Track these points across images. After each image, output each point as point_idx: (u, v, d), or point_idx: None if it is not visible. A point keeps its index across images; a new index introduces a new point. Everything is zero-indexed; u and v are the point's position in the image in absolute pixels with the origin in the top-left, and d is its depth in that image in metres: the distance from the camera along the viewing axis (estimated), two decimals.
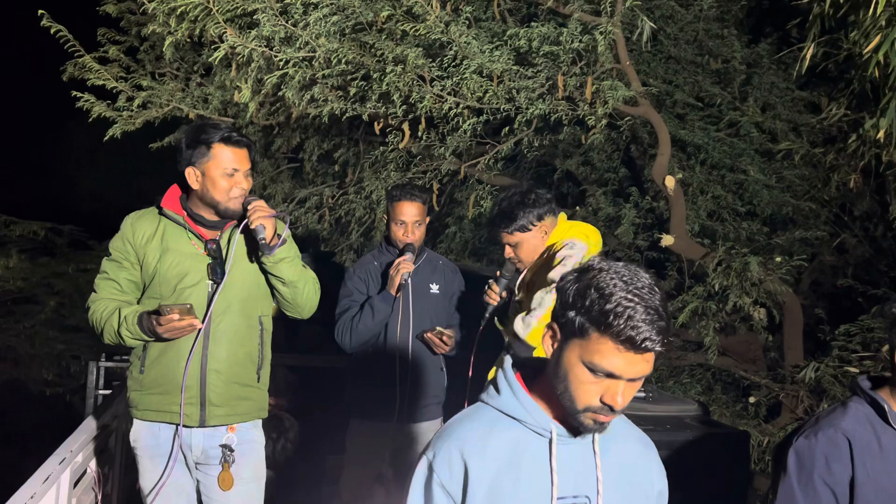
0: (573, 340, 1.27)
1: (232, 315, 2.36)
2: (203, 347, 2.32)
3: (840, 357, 4.73)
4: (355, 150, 6.04)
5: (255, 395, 2.44)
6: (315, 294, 2.46)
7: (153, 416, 2.36)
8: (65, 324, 8.17)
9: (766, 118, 5.33)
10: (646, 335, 1.20)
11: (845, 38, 4.28)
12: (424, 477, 1.35)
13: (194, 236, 2.38)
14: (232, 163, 2.33)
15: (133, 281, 2.40)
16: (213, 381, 2.33)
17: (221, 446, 2.34)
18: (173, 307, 2.19)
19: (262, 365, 2.45)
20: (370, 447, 3.03)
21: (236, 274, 2.37)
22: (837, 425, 1.75)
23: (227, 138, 2.34)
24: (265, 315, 2.46)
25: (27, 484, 2.18)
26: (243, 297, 2.38)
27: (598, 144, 4.88)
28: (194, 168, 2.34)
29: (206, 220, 2.38)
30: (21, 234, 8.63)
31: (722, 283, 4.54)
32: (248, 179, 2.39)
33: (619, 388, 1.25)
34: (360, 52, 4.26)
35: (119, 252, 2.39)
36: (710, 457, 3.22)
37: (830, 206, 5.59)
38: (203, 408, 2.33)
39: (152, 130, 5.57)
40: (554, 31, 4.09)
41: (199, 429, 2.35)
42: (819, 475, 1.75)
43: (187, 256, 2.35)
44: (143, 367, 2.36)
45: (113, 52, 5.34)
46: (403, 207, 3.00)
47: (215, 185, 2.32)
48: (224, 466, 2.33)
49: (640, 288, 1.23)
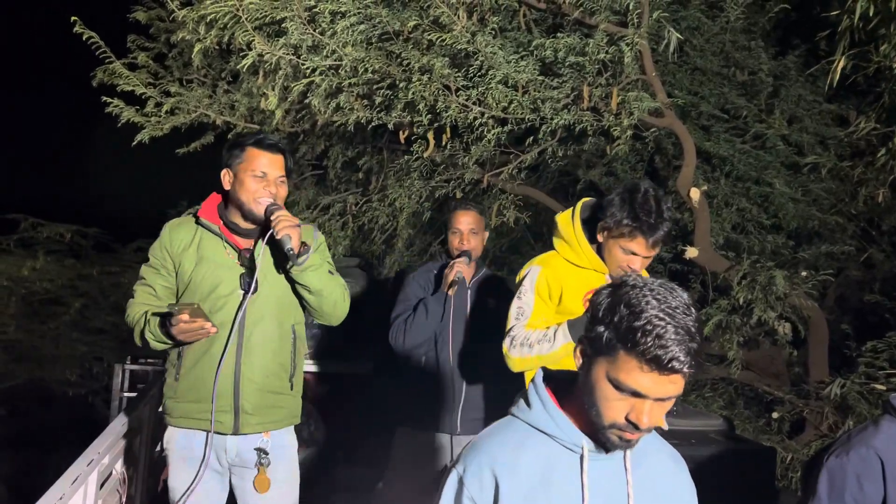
0: (601, 356, 1.25)
1: (265, 325, 2.37)
2: (236, 356, 2.33)
3: (866, 374, 4.66)
4: (379, 158, 6.07)
5: (288, 402, 2.45)
6: (343, 301, 2.45)
7: (186, 423, 2.38)
8: (89, 325, 8.27)
9: (792, 131, 5.29)
10: (673, 355, 1.16)
11: (875, 51, 4.24)
12: (455, 490, 1.34)
13: (230, 246, 2.39)
14: (262, 166, 2.34)
15: (168, 288, 2.42)
16: (247, 390, 2.34)
17: (257, 449, 2.35)
18: (183, 307, 2.19)
19: (294, 373, 2.45)
20: (416, 454, 3.01)
21: (269, 284, 2.38)
22: (870, 444, 1.72)
23: (259, 141, 2.37)
24: (298, 323, 2.47)
25: (56, 485, 2.21)
26: (276, 307, 2.39)
27: (622, 155, 4.85)
28: (228, 170, 2.38)
29: (240, 229, 2.39)
30: (48, 236, 8.76)
31: (746, 297, 4.50)
32: (282, 187, 2.38)
33: (646, 408, 1.22)
34: (387, 61, 4.28)
35: (157, 259, 2.43)
36: (735, 472, 3.18)
37: (857, 221, 5.52)
38: (237, 416, 2.34)
39: (178, 136, 5.63)
40: (580, 42, 4.09)
41: (233, 437, 2.36)
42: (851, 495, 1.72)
43: (221, 266, 2.37)
44: (178, 374, 2.37)
45: (142, 58, 5.41)
46: (459, 216, 3.09)
47: (243, 185, 2.34)
48: (260, 469, 2.35)
49: (674, 308, 1.19)
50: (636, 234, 2.29)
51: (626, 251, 2.33)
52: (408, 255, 6.28)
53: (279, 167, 2.37)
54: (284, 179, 2.40)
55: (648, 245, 2.30)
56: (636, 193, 2.30)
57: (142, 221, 11.55)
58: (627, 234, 2.30)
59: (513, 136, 4.87)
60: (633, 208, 2.29)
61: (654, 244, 2.31)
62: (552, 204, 5.79)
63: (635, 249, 2.31)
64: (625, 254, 2.34)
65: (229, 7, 4.14)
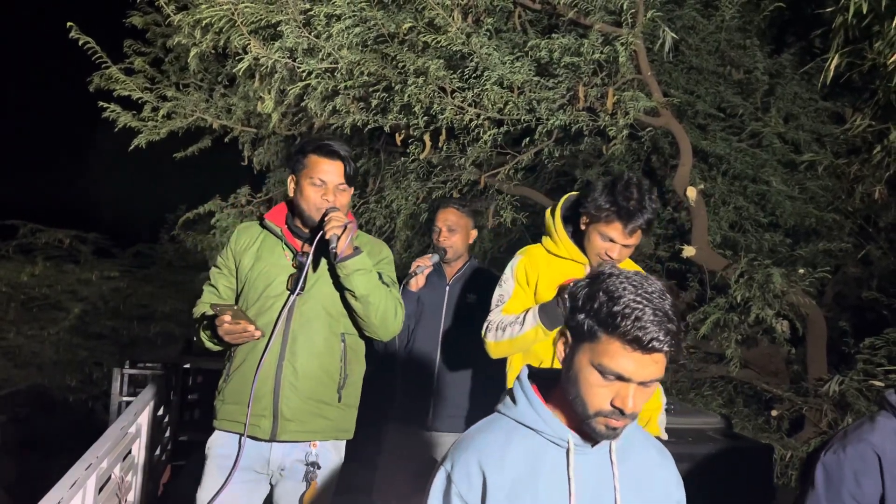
0: (583, 344, 1.29)
1: (312, 329, 2.32)
2: (279, 359, 2.28)
3: (865, 370, 4.67)
4: (376, 160, 6.08)
5: (335, 414, 2.36)
6: (395, 317, 2.37)
7: (227, 426, 2.33)
8: (88, 331, 8.28)
9: (788, 129, 5.29)
10: (653, 335, 1.21)
11: (869, 48, 4.25)
12: (443, 488, 1.36)
13: (288, 248, 2.37)
14: (320, 173, 2.31)
15: (231, 288, 2.42)
16: (288, 394, 2.28)
17: (309, 463, 2.29)
18: (223, 308, 2.18)
19: (344, 384, 2.37)
20: (406, 451, 3.02)
21: (320, 287, 2.34)
22: (867, 440, 1.72)
23: (320, 147, 2.34)
24: (350, 333, 2.40)
25: (55, 489, 2.20)
26: (325, 312, 2.34)
27: (618, 155, 4.86)
28: (294, 176, 2.38)
29: (302, 233, 2.38)
30: (47, 241, 8.79)
31: (744, 295, 4.51)
32: (342, 194, 2.35)
33: (630, 392, 1.26)
34: (382, 63, 4.29)
35: (223, 259, 2.45)
36: (733, 470, 3.19)
37: (854, 218, 5.53)
38: (275, 420, 2.27)
39: (176, 140, 5.64)
40: (575, 43, 4.10)
41: (277, 444, 2.30)
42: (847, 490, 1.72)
43: (277, 266, 2.35)
44: (227, 375, 2.35)
45: (138, 63, 5.43)
46: (438, 214, 3.13)
47: (303, 193, 2.33)
48: (312, 484, 2.27)
49: (650, 293, 1.25)
50: (613, 218, 2.30)
51: (604, 237, 2.33)
52: (406, 257, 6.28)
53: (338, 174, 2.34)
54: (345, 186, 2.36)
55: (626, 231, 2.30)
56: (619, 181, 2.32)
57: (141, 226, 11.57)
58: (604, 218, 2.31)
59: (509, 136, 4.87)
60: (614, 194, 2.30)
61: (631, 231, 2.31)
62: (549, 204, 5.79)
63: (613, 235, 2.32)
64: (603, 240, 2.34)
65: (225, 11, 4.16)
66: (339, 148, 2.35)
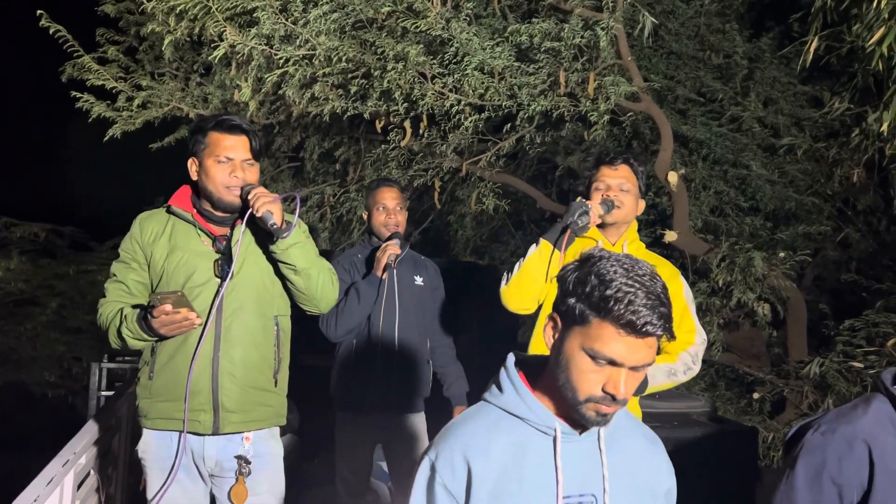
0: (574, 328, 1.26)
1: (245, 314, 2.21)
2: (214, 349, 2.17)
3: (844, 352, 4.72)
4: (356, 148, 6.03)
5: (273, 400, 2.28)
6: (331, 285, 2.30)
7: (163, 425, 2.21)
8: (66, 325, 8.16)
9: (768, 113, 5.32)
10: (646, 319, 1.19)
11: (848, 31, 4.26)
12: (427, 478, 1.33)
13: (204, 233, 2.24)
14: (225, 150, 2.18)
15: (141, 282, 2.27)
16: (227, 385, 2.18)
17: (237, 457, 2.20)
18: (165, 296, 2.05)
19: (278, 368, 2.28)
20: (359, 438, 3.00)
21: (248, 271, 2.23)
22: (857, 426, 1.65)
23: (220, 123, 2.21)
24: (282, 315, 2.31)
25: (31, 487, 2.15)
26: (257, 296, 2.24)
27: (599, 141, 4.85)
28: (194, 158, 2.23)
29: (215, 217, 2.25)
30: (22, 235, 8.63)
31: (725, 279, 4.53)
32: (250, 169, 2.22)
33: (621, 377, 1.23)
34: (361, 49, 4.24)
35: (127, 253, 2.28)
36: (718, 453, 3.21)
37: (833, 201, 5.58)
38: (216, 414, 2.17)
39: (152, 131, 5.55)
40: (555, 27, 4.07)
41: (212, 438, 2.19)
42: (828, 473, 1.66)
43: (196, 254, 2.22)
44: (153, 372, 2.22)
45: (112, 52, 5.33)
46: (384, 193, 3.08)
47: (208, 174, 2.19)
48: (239, 479, 2.19)
49: (641, 275, 1.23)
50: (599, 165, 2.61)
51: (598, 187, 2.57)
52: None
53: (244, 149, 2.21)
54: (253, 161, 2.23)
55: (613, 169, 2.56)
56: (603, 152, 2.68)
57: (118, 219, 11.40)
58: (593, 166, 2.63)
59: (490, 123, 4.85)
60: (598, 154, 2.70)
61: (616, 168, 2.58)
62: (531, 191, 5.78)
63: (604, 179, 2.56)
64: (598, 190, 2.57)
65: None
66: (241, 122, 2.24)
